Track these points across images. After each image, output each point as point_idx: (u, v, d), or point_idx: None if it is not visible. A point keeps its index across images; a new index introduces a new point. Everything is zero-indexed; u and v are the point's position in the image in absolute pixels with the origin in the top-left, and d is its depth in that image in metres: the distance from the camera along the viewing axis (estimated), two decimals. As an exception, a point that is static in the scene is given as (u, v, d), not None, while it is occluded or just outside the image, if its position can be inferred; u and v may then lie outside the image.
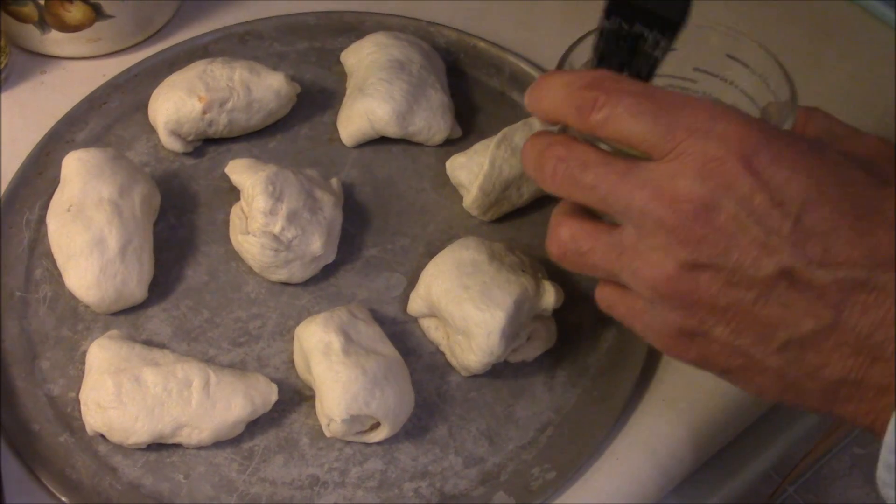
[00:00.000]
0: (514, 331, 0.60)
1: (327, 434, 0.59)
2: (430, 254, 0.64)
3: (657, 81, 0.52)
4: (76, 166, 0.64)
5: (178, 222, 0.69)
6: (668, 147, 0.42)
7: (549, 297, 0.60)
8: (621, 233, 0.45)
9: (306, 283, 0.66)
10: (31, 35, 0.76)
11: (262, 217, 0.63)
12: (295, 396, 0.61)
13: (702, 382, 0.62)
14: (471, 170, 0.67)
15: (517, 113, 0.75)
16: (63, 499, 0.57)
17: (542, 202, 0.70)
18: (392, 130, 0.71)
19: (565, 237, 0.47)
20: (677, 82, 0.54)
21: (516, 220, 0.70)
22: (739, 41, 0.52)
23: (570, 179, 0.45)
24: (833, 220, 0.41)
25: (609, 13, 0.48)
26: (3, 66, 0.75)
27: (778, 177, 0.41)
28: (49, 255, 0.65)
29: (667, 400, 0.62)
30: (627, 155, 0.44)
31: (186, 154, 0.72)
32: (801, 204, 0.41)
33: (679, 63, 0.53)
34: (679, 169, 0.42)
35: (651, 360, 0.63)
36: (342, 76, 0.76)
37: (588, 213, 0.47)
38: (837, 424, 1.39)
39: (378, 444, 0.59)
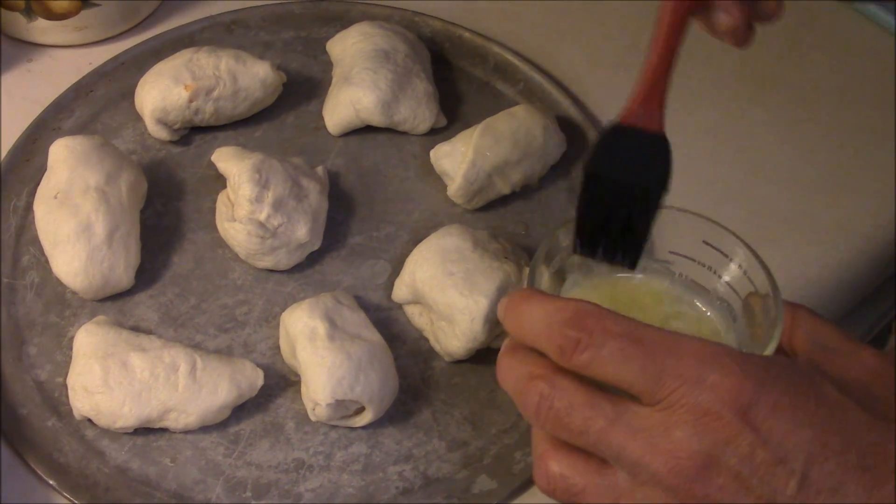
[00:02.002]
0: (497, 317, 0.60)
1: (312, 418, 0.59)
2: (415, 241, 0.65)
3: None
4: (63, 154, 0.65)
5: (165, 210, 0.69)
6: (659, 395, 0.40)
7: (532, 284, 0.61)
8: (615, 475, 0.42)
9: (292, 270, 0.66)
10: (18, 23, 0.76)
11: (249, 204, 0.63)
12: (281, 381, 0.62)
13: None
14: (454, 158, 0.68)
15: (501, 102, 0.75)
16: (51, 482, 0.58)
17: (526, 191, 0.71)
18: (377, 119, 0.71)
19: (554, 472, 0.43)
20: (652, 264, 0.52)
21: (500, 208, 0.70)
22: (715, 230, 0.50)
23: (555, 420, 0.42)
24: (839, 475, 0.39)
25: (586, 192, 0.46)
26: (-11, 53, 0.75)
27: (778, 430, 0.39)
28: (36, 242, 0.65)
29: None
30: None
31: (173, 142, 0.72)
32: (806, 459, 0.39)
33: (653, 244, 0.51)
34: (673, 421, 0.40)
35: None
36: (328, 65, 0.76)
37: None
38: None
39: (362, 428, 0.60)
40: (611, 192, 0.46)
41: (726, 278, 0.50)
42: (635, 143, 0.47)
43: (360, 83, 0.71)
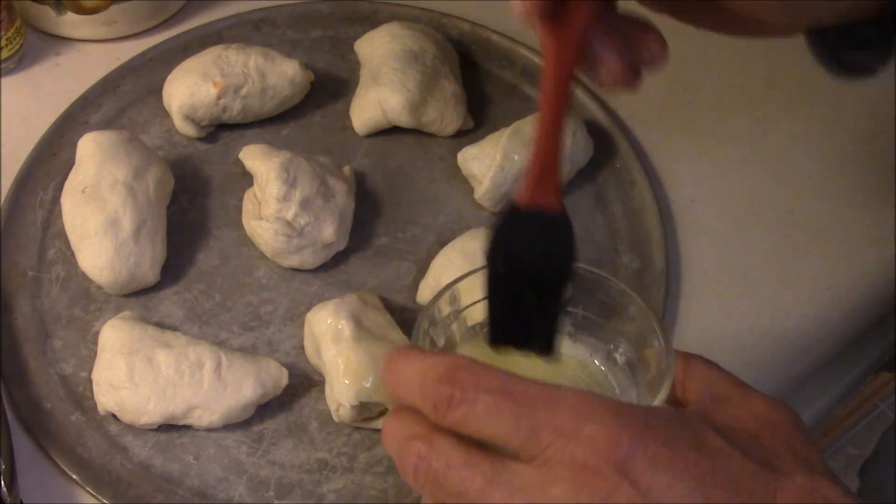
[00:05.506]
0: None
1: (336, 419, 0.59)
2: (441, 243, 0.65)
3: None
4: (91, 148, 0.65)
5: (191, 206, 0.69)
6: (535, 450, 0.38)
7: (558, 289, 0.61)
8: None
9: (317, 270, 0.66)
10: (48, 17, 0.77)
11: (276, 203, 0.63)
12: (304, 381, 0.62)
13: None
14: (482, 161, 0.68)
15: (529, 105, 0.75)
16: (74, 476, 0.57)
17: (552, 195, 0.70)
18: (405, 120, 0.71)
19: None
20: None
21: (526, 212, 0.70)
22: (608, 284, 0.47)
23: (434, 482, 0.40)
24: None
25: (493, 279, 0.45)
26: (19, 47, 0.75)
27: (658, 483, 0.38)
28: (62, 236, 0.65)
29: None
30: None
31: (199, 139, 0.72)
32: None
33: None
34: (550, 477, 0.38)
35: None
36: (355, 65, 0.76)
37: None
38: (833, 425, 1.40)
39: (386, 430, 0.60)
40: (518, 276, 0.45)
41: (623, 333, 0.48)
42: (536, 224, 0.45)
43: (388, 83, 0.71)
